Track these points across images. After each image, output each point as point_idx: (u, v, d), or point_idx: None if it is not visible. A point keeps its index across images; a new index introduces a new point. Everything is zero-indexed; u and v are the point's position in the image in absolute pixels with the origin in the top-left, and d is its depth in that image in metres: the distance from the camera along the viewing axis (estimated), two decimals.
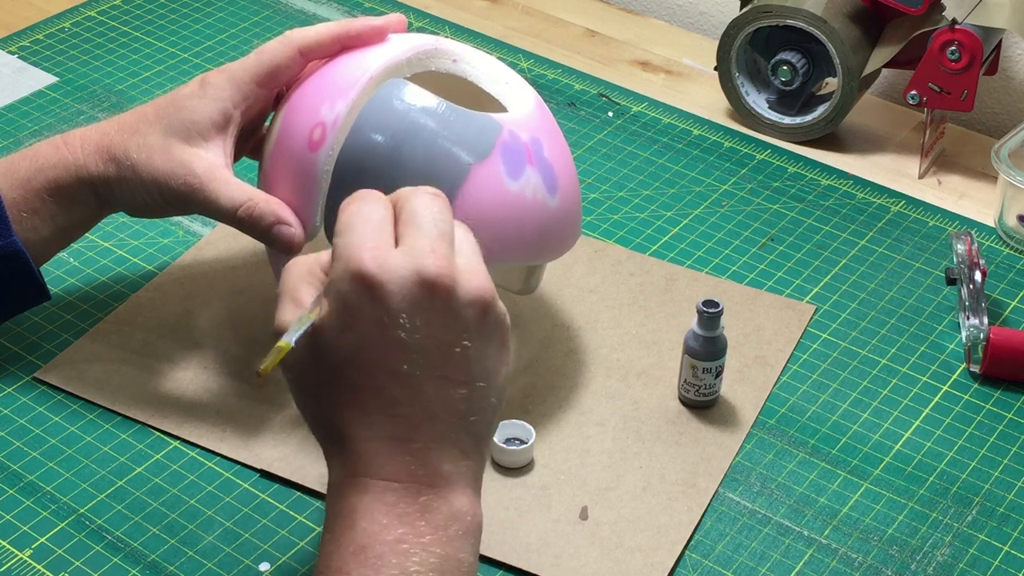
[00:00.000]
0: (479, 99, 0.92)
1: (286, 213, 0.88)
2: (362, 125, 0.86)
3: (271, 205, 0.88)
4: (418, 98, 0.87)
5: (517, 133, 0.88)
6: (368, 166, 0.86)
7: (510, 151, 0.87)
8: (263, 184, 0.92)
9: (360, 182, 0.86)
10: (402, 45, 0.91)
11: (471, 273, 0.73)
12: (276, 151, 0.90)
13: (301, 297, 0.73)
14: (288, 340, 0.71)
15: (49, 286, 0.97)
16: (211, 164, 0.90)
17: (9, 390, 0.96)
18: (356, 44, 0.92)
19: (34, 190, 0.92)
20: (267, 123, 0.96)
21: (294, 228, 0.88)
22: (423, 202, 0.74)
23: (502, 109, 0.92)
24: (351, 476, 0.72)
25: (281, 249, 0.89)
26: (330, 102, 0.87)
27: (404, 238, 0.72)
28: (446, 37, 0.97)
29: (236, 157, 0.95)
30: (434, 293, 0.71)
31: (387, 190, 0.84)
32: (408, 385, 0.72)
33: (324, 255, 0.75)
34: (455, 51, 0.92)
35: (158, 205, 0.92)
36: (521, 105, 0.91)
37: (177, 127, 0.90)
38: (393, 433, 0.72)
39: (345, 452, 0.72)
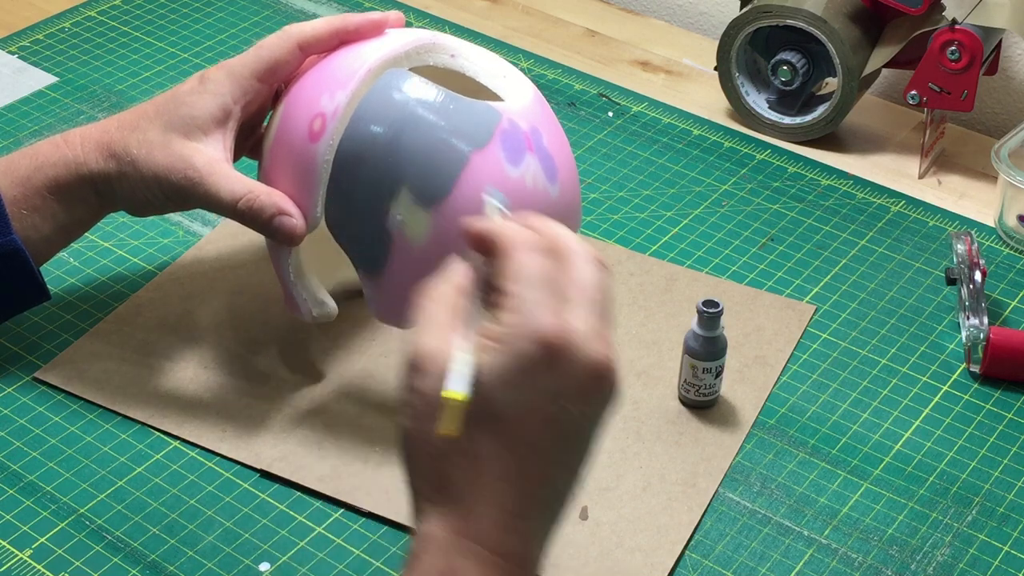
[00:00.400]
0: (477, 94, 0.92)
1: (287, 204, 0.88)
2: (362, 115, 0.87)
3: (272, 197, 0.88)
4: (417, 88, 0.87)
5: (516, 122, 0.88)
6: (368, 156, 0.86)
7: (509, 139, 0.88)
8: (263, 177, 0.92)
9: (360, 172, 0.86)
10: (400, 39, 0.91)
11: (616, 362, 0.70)
12: (276, 143, 0.90)
13: (444, 321, 0.69)
14: (462, 391, 0.67)
15: (49, 286, 0.97)
16: (211, 158, 0.90)
17: (9, 390, 0.96)
18: (354, 38, 0.92)
19: (34, 188, 0.92)
20: (266, 122, 0.96)
21: (295, 219, 0.88)
22: (591, 273, 0.70)
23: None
24: (460, 536, 0.68)
25: (282, 241, 0.89)
26: (329, 93, 0.88)
27: (575, 309, 0.68)
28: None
29: (236, 156, 0.95)
30: (599, 385, 0.68)
31: (387, 179, 0.85)
32: (545, 462, 0.69)
33: (460, 279, 0.72)
34: (453, 46, 0.93)
35: (158, 201, 0.92)
36: (520, 97, 0.91)
37: (177, 123, 0.90)
38: (511, 506, 0.68)
39: (458, 509, 0.68)
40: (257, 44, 0.93)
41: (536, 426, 0.68)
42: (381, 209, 0.86)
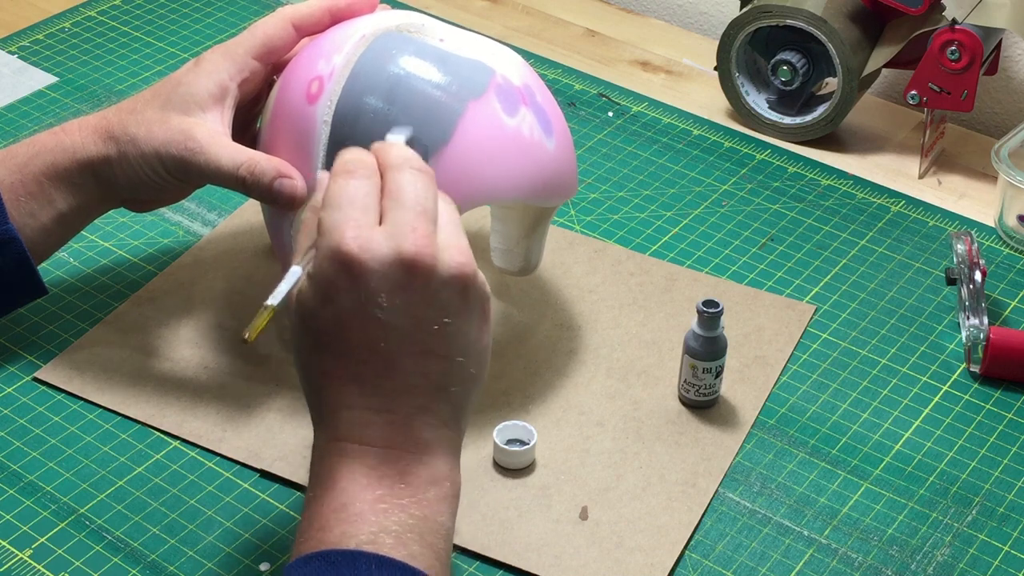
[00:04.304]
0: None
1: (288, 168, 0.89)
2: (358, 74, 0.87)
3: (272, 162, 0.89)
4: (412, 45, 0.89)
5: (509, 78, 0.90)
6: (366, 112, 0.86)
7: (504, 91, 0.89)
8: (263, 149, 0.92)
9: (359, 129, 0.86)
10: (391, 16, 0.93)
11: (452, 250, 0.74)
12: (275, 113, 0.91)
13: (304, 247, 0.76)
14: (273, 302, 0.74)
15: (49, 286, 0.97)
16: (211, 130, 0.91)
17: (9, 390, 0.96)
18: (346, 15, 0.94)
19: (31, 174, 0.92)
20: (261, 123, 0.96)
21: (296, 181, 0.88)
22: (407, 178, 0.75)
23: None
24: (333, 440, 0.74)
25: (284, 205, 0.89)
26: (325, 58, 0.89)
27: (387, 214, 0.74)
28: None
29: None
30: (414, 273, 0.73)
31: (387, 133, 0.85)
32: (387, 360, 0.74)
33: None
34: (442, 31, 0.93)
35: (159, 178, 0.92)
36: (511, 63, 0.92)
37: (175, 101, 0.91)
38: (373, 404, 0.74)
39: (328, 417, 0.75)
40: (251, 25, 0.94)
41: (366, 330, 0.73)
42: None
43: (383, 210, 0.74)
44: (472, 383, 0.76)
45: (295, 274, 0.75)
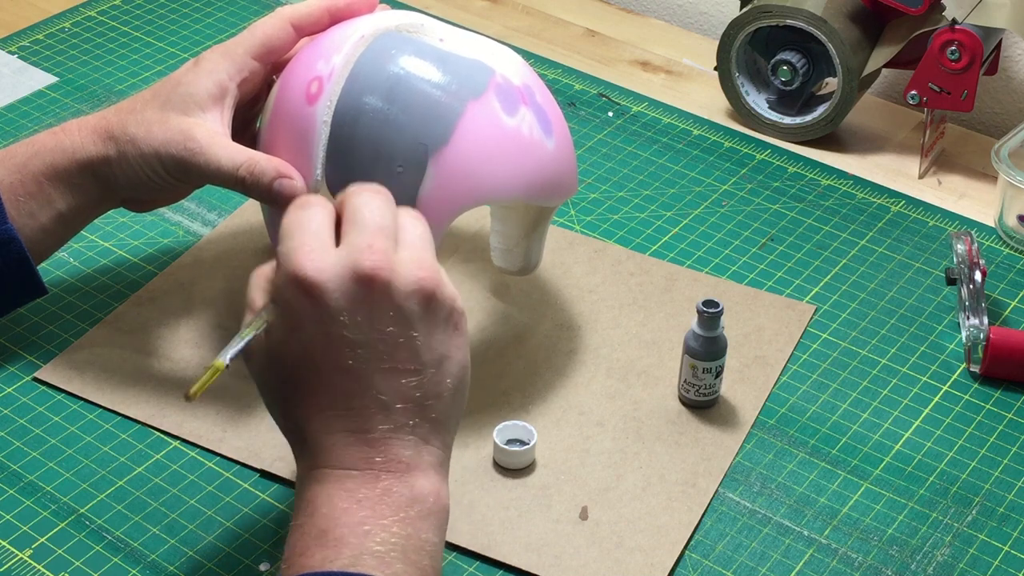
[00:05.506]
0: None
1: (287, 168, 0.89)
2: (358, 74, 0.88)
3: (272, 162, 0.89)
4: (411, 45, 0.89)
5: (509, 78, 0.90)
6: (366, 112, 0.86)
7: (503, 91, 0.89)
8: (263, 149, 0.92)
9: (359, 129, 0.87)
10: (391, 16, 0.93)
11: (412, 263, 0.75)
12: (274, 113, 0.91)
13: (256, 304, 0.76)
14: (223, 359, 0.74)
15: (49, 286, 0.97)
16: (211, 130, 0.91)
17: (9, 390, 0.96)
18: (345, 15, 0.94)
19: (31, 174, 0.92)
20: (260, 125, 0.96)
21: (296, 181, 0.88)
22: (363, 199, 0.76)
23: None
24: (312, 468, 0.75)
25: (283, 205, 0.88)
26: (325, 58, 0.89)
27: (344, 236, 0.75)
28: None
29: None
30: (371, 289, 0.73)
31: (385, 135, 0.86)
32: (357, 379, 0.74)
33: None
34: (441, 31, 0.93)
35: (159, 178, 0.92)
36: (511, 62, 0.92)
37: (175, 101, 0.91)
38: (348, 426, 0.74)
39: (305, 446, 0.75)
40: (250, 25, 0.94)
41: (333, 351, 0.73)
42: (381, 163, 0.87)
43: (342, 234, 0.75)
44: (450, 397, 0.76)
45: (245, 336, 0.75)
